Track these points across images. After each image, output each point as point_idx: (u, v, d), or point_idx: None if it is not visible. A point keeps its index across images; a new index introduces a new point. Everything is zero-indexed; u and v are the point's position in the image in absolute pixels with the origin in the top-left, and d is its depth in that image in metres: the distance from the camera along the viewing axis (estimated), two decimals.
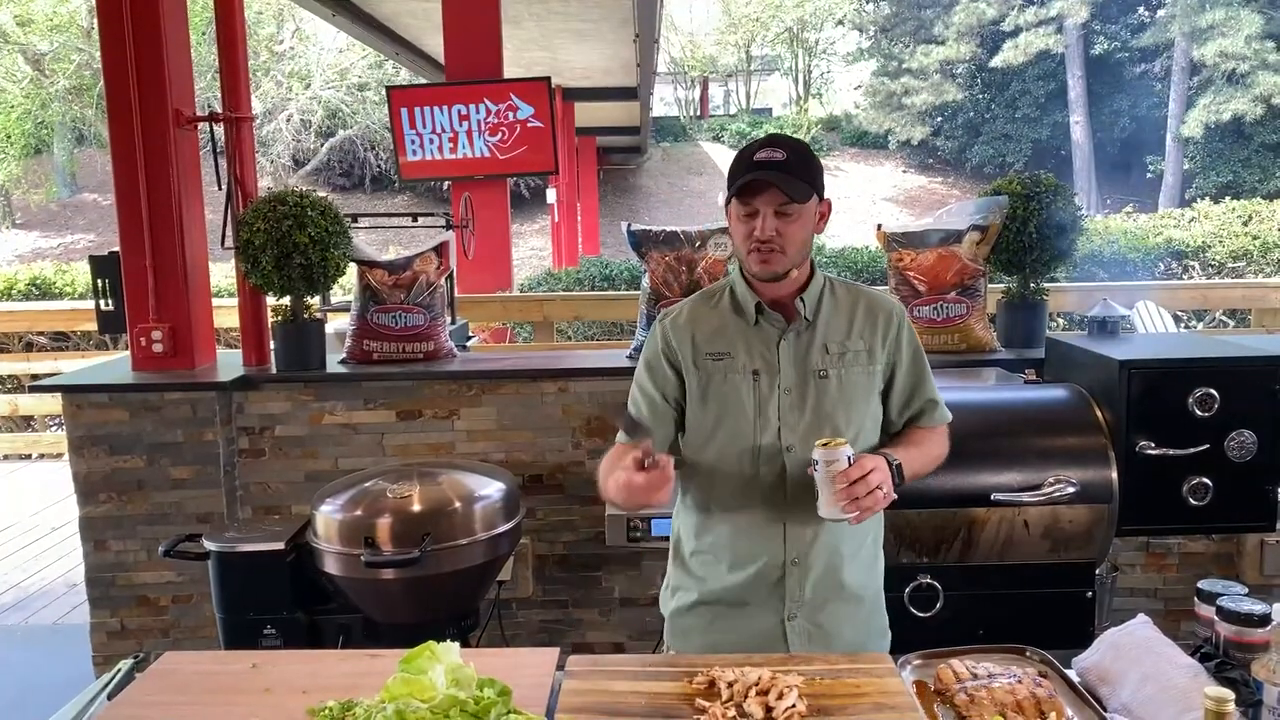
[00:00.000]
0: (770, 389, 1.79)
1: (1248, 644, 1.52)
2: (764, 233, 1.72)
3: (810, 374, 1.79)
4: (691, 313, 1.89)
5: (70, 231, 21.31)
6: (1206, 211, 10.07)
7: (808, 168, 1.74)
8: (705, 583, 1.87)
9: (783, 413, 1.79)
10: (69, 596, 4.50)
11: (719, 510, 1.84)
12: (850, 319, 1.84)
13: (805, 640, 1.81)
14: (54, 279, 8.62)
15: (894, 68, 24.68)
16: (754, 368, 1.80)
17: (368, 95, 21.33)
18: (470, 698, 1.43)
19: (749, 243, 1.75)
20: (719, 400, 1.81)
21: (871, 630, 1.90)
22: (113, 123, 3.40)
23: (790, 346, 1.81)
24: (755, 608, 1.82)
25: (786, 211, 1.72)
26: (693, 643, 1.88)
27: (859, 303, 1.86)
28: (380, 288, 3.44)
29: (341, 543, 2.61)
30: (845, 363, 1.81)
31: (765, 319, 1.82)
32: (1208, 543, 3.25)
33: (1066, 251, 3.37)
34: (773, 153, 1.72)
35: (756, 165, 1.71)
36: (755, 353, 1.81)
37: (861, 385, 1.81)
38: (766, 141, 1.75)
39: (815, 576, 1.80)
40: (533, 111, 6.02)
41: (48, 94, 19.22)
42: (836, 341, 1.82)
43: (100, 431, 3.33)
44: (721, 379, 1.81)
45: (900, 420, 1.89)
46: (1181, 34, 20.53)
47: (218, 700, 1.56)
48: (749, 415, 1.79)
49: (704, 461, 1.84)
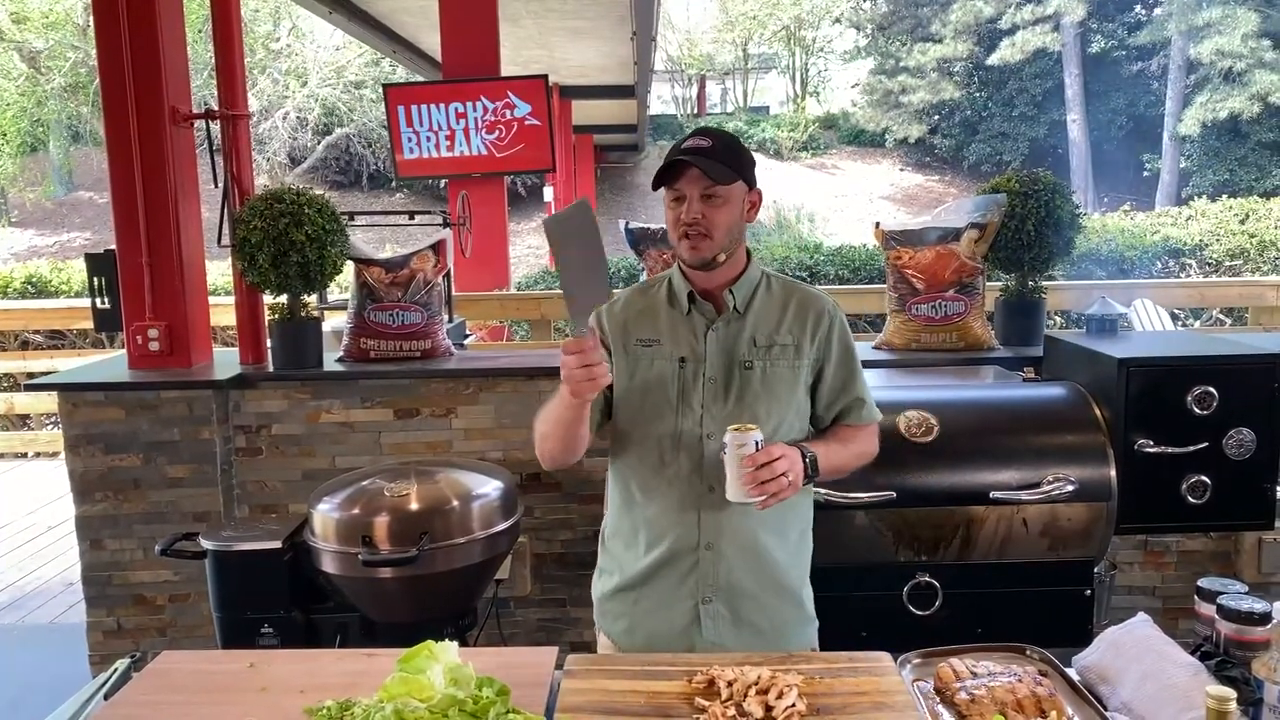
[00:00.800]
0: (695, 377, 1.84)
1: (1248, 642, 1.52)
2: (689, 215, 1.77)
3: (735, 364, 1.84)
4: (628, 301, 1.95)
5: (66, 229, 21.26)
6: (1203, 210, 10.08)
7: (734, 155, 1.80)
8: (624, 566, 1.91)
9: (705, 400, 1.83)
10: (65, 595, 4.49)
11: (640, 494, 1.88)
12: (782, 313, 1.88)
13: (720, 625, 1.84)
14: (50, 277, 8.61)
15: (891, 66, 24.66)
16: (680, 355, 1.85)
17: (365, 93, 21.30)
18: (468, 697, 1.42)
19: (678, 229, 1.80)
20: (644, 385, 1.86)
21: (792, 619, 1.91)
22: (108, 120, 3.38)
23: (718, 336, 1.85)
24: (671, 591, 1.85)
25: (711, 194, 1.77)
26: (617, 626, 1.93)
27: (792, 298, 1.90)
28: (377, 286, 3.43)
29: (339, 541, 2.60)
30: (771, 356, 1.85)
31: (697, 309, 1.87)
32: (1206, 541, 3.25)
33: (1064, 249, 3.37)
34: (699, 141, 1.78)
35: (682, 153, 1.77)
36: (683, 341, 1.86)
37: (786, 379, 1.85)
38: (695, 133, 1.82)
39: (730, 562, 1.83)
40: (530, 109, 6.01)
41: (43, 91, 19.18)
42: (765, 334, 1.86)
43: (96, 430, 3.32)
44: (648, 365, 1.86)
45: (827, 416, 1.93)
46: (1178, 32, 20.54)
47: (214, 700, 1.56)
48: (672, 401, 1.84)
49: (627, 445, 1.89)
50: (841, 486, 2.39)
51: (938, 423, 2.51)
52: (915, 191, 24.68)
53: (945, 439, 2.49)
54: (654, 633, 1.86)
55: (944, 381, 3.03)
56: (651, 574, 1.87)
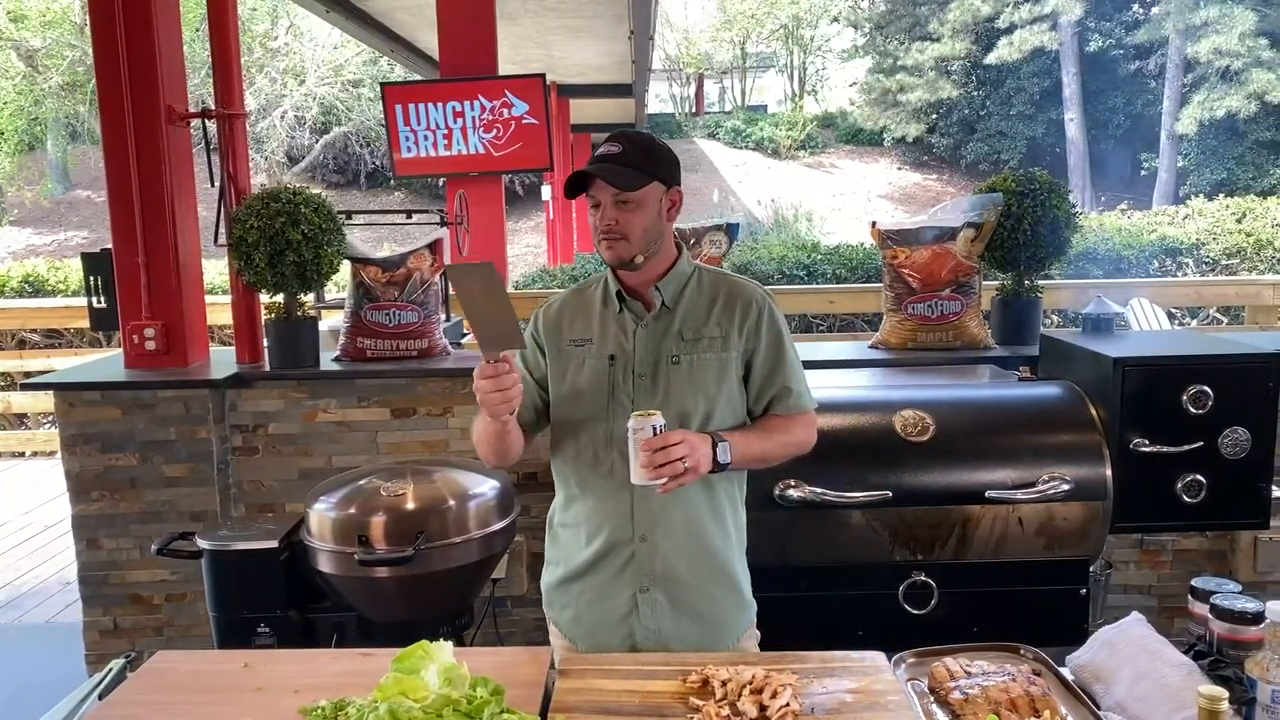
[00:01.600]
0: (624, 373, 1.89)
1: (1241, 642, 1.52)
2: (603, 222, 1.83)
3: (663, 359, 1.88)
4: (563, 302, 2.01)
5: (63, 228, 21.23)
6: (1200, 209, 10.07)
7: (646, 157, 1.84)
8: (569, 557, 1.97)
9: (635, 396, 1.87)
10: (62, 595, 4.48)
11: (578, 487, 1.94)
12: (710, 306, 1.92)
13: (659, 613, 1.88)
14: (47, 276, 8.59)
15: (889, 65, 24.66)
16: (610, 352, 1.90)
17: (362, 92, 21.28)
18: (463, 697, 1.43)
19: (596, 234, 1.86)
20: (576, 384, 1.91)
21: (729, 604, 1.95)
22: (105, 119, 3.38)
23: (646, 332, 1.90)
24: (610, 582, 1.91)
25: (624, 200, 1.81)
26: (564, 616, 1.98)
27: (720, 290, 1.94)
28: (374, 285, 3.43)
29: (335, 541, 2.60)
30: (699, 348, 1.89)
31: (627, 306, 1.92)
32: (1202, 539, 3.25)
33: (1061, 249, 3.37)
34: (610, 148, 1.84)
35: (595, 158, 1.84)
36: (612, 338, 1.91)
37: (713, 370, 1.89)
38: (609, 138, 1.87)
39: (665, 552, 1.88)
40: (528, 108, 6.00)
41: (41, 90, 19.14)
42: (692, 328, 1.90)
43: (93, 429, 3.32)
44: (580, 363, 1.91)
45: (758, 406, 1.95)
46: (1175, 31, 20.54)
47: (210, 700, 1.56)
48: (603, 399, 1.89)
49: (563, 441, 1.95)
50: (837, 485, 2.39)
51: (934, 422, 2.51)
52: (913, 190, 24.69)
53: (941, 438, 2.50)
54: (597, 622, 1.92)
55: (940, 381, 3.03)
56: (592, 565, 1.92)
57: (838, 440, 2.47)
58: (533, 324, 2.00)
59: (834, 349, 3.70)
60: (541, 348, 1.98)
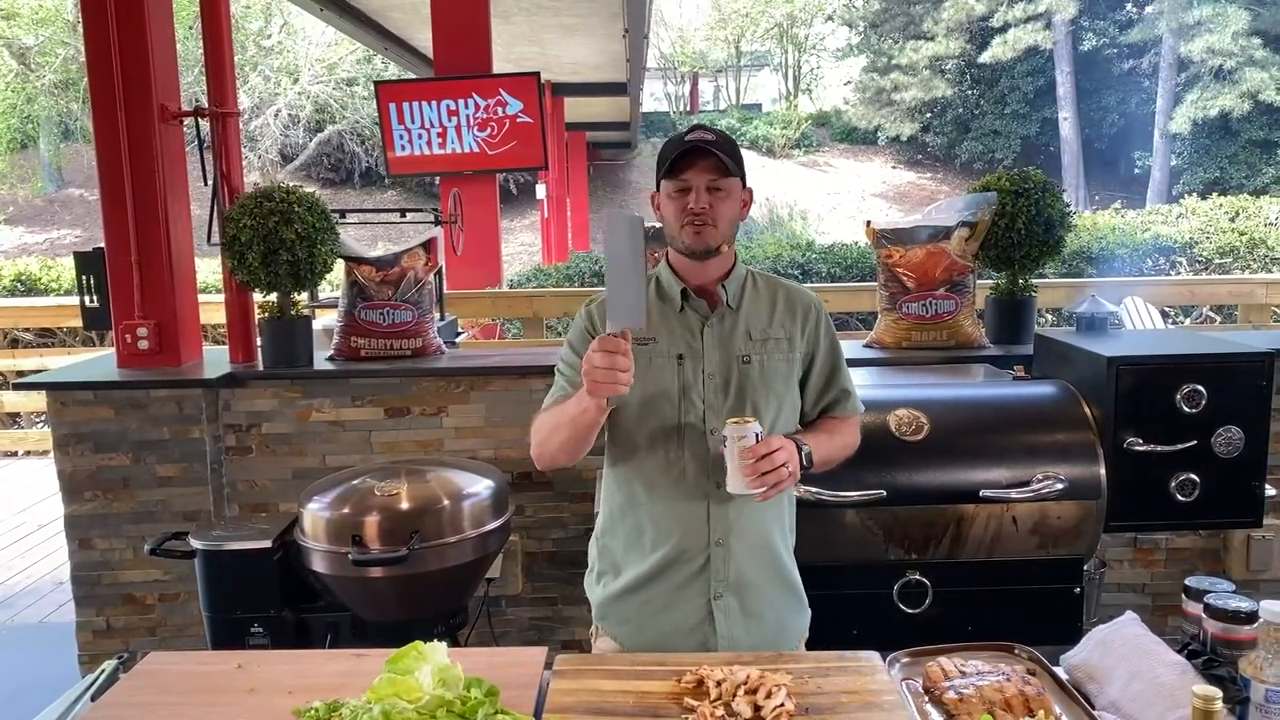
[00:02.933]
0: (695, 373, 1.85)
1: (1235, 641, 1.52)
2: (698, 204, 1.79)
3: (733, 358, 1.85)
4: None
5: (56, 227, 21.17)
6: (1194, 207, 10.10)
7: (735, 151, 1.84)
8: (630, 567, 1.90)
9: (707, 396, 1.84)
10: (55, 595, 4.47)
11: (644, 493, 1.88)
12: (771, 308, 1.91)
13: (731, 620, 1.85)
14: (39, 275, 8.57)
15: (883, 64, 24.69)
16: (678, 352, 1.85)
17: (356, 90, 21.25)
18: (457, 698, 1.42)
19: (682, 218, 1.81)
20: (643, 384, 1.82)
21: (792, 606, 1.95)
22: (97, 118, 3.37)
23: (714, 332, 1.86)
24: (681, 589, 1.85)
25: (718, 186, 1.80)
26: (624, 629, 1.91)
27: (778, 294, 1.94)
28: (368, 284, 3.42)
29: (329, 541, 2.60)
30: (767, 349, 1.87)
31: (690, 305, 1.88)
32: (1195, 538, 3.26)
33: (1055, 247, 3.37)
34: (704, 134, 1.82)
35: (689, 144, 1.80)
36: (679, 338, 1.86)
37: (781, 371, 1.88)
38: (695, 127, 1.86)
39: (740, 557, 1.85)
40: (522, 107, 6.00)
41: (33, 88, 19.09)
42: (759, 328, 1.88)
43: (85, 429, 3.30)
44: (646, 363, 1.84)
45: (814, 409, 1.96)
46: (1169, 30, 20.59)
47: (203, 701, 1.55)
48: (673, 399, 1.84)
49: (629, 445, 1.88)
50: (832, 484, 2.39)
51: (928, 421, 2.52)
52: (907, 189, 24.72)
53: (935, 437, 2.50)
54: (665, 632, 1.85)
55: (934, 380, 3.03)
56: (659, 573, 1.86)
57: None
58: (586, 319, 1.93)
59: None
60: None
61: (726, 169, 1.79)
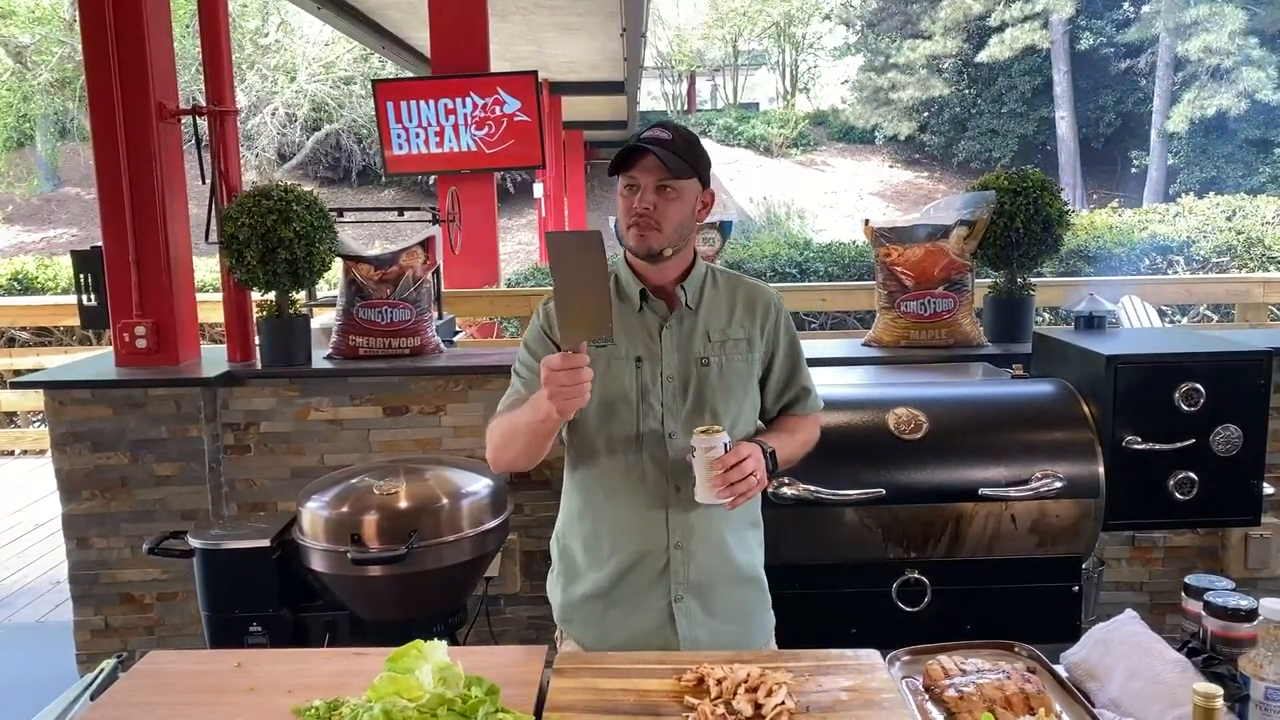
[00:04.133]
0: (653, 376, 1.82)
1: (1235, 639, 1.52)
2: (641, 204, 1.75)
3: (692, 361, 1.83)
4: None
5: (53, 226, 21.13)
6: (1191, 206, 10.11)
7: (692, 151, 1.78)
8: (591, 572, 1.88)
9: (665, 399, 1.81)
10: (52, 594, 4.46)
11: (603, 497, 1.86)
12: (730, 307, 1.88)
13: (694, 621, 1.84)
14: (36, 274, 8.56)
15: (881, 63, 24.69)
16: (636, 354, 1.82)
17: (354, 89, 21.23)
18: (457, 696, 1.42)
19: (628, 217, 1.77)
20: (601, 387, 1.78)
21: (755, 602, 1.94)
22: (95, 116, 3.36)
23: (673, 334, 1.83)
24: (642, 594, 1.84)
25: (666, 186, 1.75)
26: (588, 635, 1.89)
27: (738, 291, 1.90)
28: (366, 283, 3.42)
29: (327, 540, 2.59)
30: (726, 350, 1.84)
31: (648, 306, 1.84)
32: (1193, 536, 3.27)
33: (1053, 246, 3.38)
34: (659, 132, 1.77)
35: (643, 140, 1.76)
36: (637, 340, 1.83)
37: (741, 372, 1.86)
38: (656, 124, 1.81)
39: (700, 559, 1.83)
40: (519, 105, 5.99)
41: (30, 86, 19.06)
42: (718, 329, 1.85)
43: (83, 428, 3.30)
44: (604, 365, 1.80)
45: (775, 407, 1.94)
46: (1166, 30, 20.61)
47: (202, 700, 1.55)
48: (631, 402, 1.81)
49: (587, 449, 1.86)
50: (830, 483, 2.39)
51: (927, 419, 2.52)
52: (905, 188, 24.72)
53: (934, 436, 2.50)
54: (627, 636, 1.84)
55: (933, 378, 3.03)
56: (619, 579, 1.85)
57: (831, 438, 2.45)
58: (543, 318, 1.89)
59: (827, 347, 3.70)
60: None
61: (675, 170, 1.74)
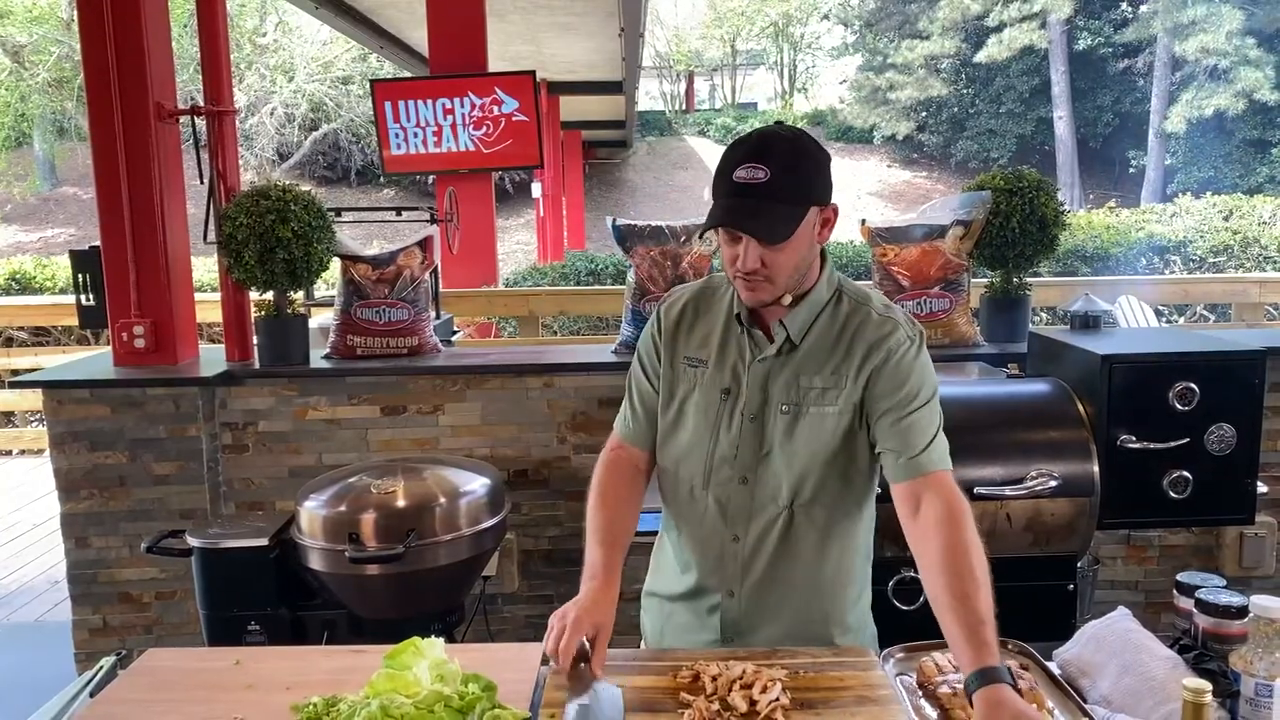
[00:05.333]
0: (734, 411, 1.66)
1: (1225, 635, 1.53)
2: (746, 265, 1.53)
3: (772, 405, 1.64)
4: (687, 302, 1.75)
5: (50, 225, 21.12)
6: (1188, 206, 10.13)
7: (796, 185, 1.51)
8: (664, 573, 1.85)
9: (741, 439, 1.65)
10: (50, 593, 4.47)
11: (673, 519, 1.80)
12: (838, 343, 1.63)
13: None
14: (34, 273, 8.55)
15: (879, 62, 24.72)
16: (724, 385, 1.66)
17: (352, 89, 21.23)
18: (455, 693, 1.43)
19: (733, 269, 1.57)
20: (682, 407, 1.70)
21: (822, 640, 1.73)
22: (93, 116, 3.37)
23: (761, 370, 1.64)
24: (698, 619, 1.77)
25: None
26: (651, 626, 1.88)
27: (851, 323, 1.64)
28: (364, 282, 3.42)
29: (326, 539, 2.60)
30: (812, 398, 1.62)
31: (749, 333, 1.66)
32: (1188, 535, 3.28)
33: (1049, 246, 3.38)
34: (754, 172, 1.48)
35: (735, 189, 1.50)
36: (729, 368, 1.67)
37: (825, 425, 1.63)
38: (749, 152, 1.50)
39: (750, 608, 1.72)
40: (518, 105, 6.01)
41: (27, 86, 19.03)
42: (812, 370, 1.63)
43: (81, 427, 3.30)
44: (690, 387, 1.70)
45: (902, 471, 1.62)
46: (1164, 30, 20.64)
47: (201, 697, 1.56)
48: (707, 432, 1.68)
49: (664, 463, 1.78)
50: None
51: None
52: (902, 188, 24.75)
53: None
54: (680, 646, 1.78)
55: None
56: (684, 597, 1.79)
57: None
58: (654, 321, 1.75)
59: None
60: (659, 351, 1.74)
61: (777, 238, 1.50)
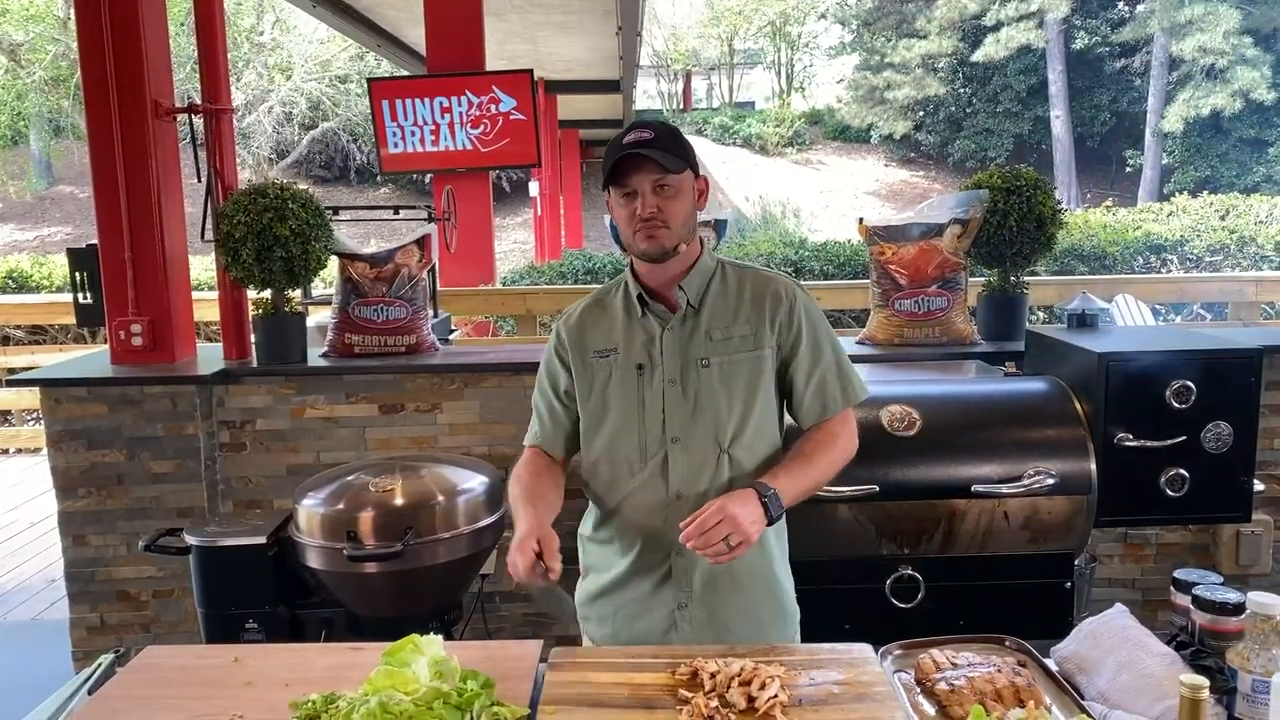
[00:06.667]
0: (654, 381, 1.81)
1: (1222, 632, 1.54)
2: (645, 210, 1.74)
3: (691, 363, 1.80)
4: (583, 313, 1.92)
5: (47, 224, 21.09)
6: (1185, 205, 10.15)
7: (678, 143, 1.77)
8: (601, 568, 1.92)
9: (667, 405, 1.80)
10: (48, 592, 4.46)
11: (609, 500, 1.88)
12: (737, 302, 1.83)
13: (698, 629, 1.83)
14: (31, 272, 8.55)
15: (876, 62, 24.71)
16: (637, 362, 1.82)
17: (350, 87, 21.21)
18: (453, 690, 1.43)
19: (633, 224, 1.76)
20: (604, 397, 1.84)
21: (769, 614, 1.89)
22: (90, 115, 3.36)
23: (673, 336, 1.81)
24: (648, 597, 1.85)
25: (664, 184, 1.74)
26: (601, 632, 1.93)
27: (746, 283, 1.85)
28: (362, 281, 3.42)
29: (324, 536, 2.60)
30: (729, 349, 1.80)
31: (650, 310, 1.83)
32: (1185, 533, 3.29)
33: (1046, 245, 3.39)
34: (641, 134, 1.75)
35: (626, 146, 1.73)
36: (639, 346, 1.83)
37: (745, 371, 1.80)
38: (633, 126, 1.78)
39: (704, 567, 1.80)
40: (515, 104, 6.01)
41: (24, 85, 19.00)
42: (721, 327, 1.81)
43: (79, 426, 3.30)
44: (607, 376, 1.84)
45: (811, 410, 1.85)
46: (1161, 29, 20.66)
47: (199, 694, 1.56)
48: (633, 410, 1.82)
49: (596, 456, 1.88)
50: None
51: (920, 416, 2.53)
52: (900, 187, 24.75)
53: (927, 433, 2.51)
54: (636, 637, 1.86)
55: (926, 376, 3.05)
56: (628, 579, 1.87)
57: None
58: (555, 339, 1.92)
59: None
60: (566, 363, 1.90)
61: (670, 166, 1.73)
